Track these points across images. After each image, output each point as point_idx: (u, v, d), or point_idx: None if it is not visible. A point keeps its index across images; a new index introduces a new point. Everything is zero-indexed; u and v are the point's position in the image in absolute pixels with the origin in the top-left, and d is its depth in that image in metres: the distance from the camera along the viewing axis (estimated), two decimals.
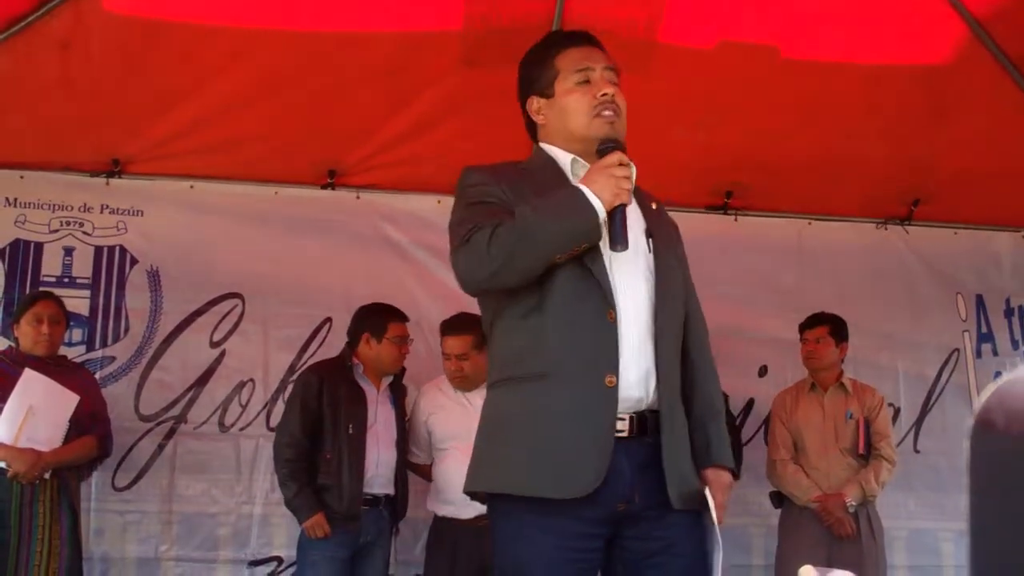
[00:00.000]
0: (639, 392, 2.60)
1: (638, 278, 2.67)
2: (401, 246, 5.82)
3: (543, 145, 2.84)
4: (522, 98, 2.88)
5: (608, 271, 2.61)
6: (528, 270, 2.56)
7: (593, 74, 2.75)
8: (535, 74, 2.84)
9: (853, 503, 5.19)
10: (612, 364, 2.56)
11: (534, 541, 2.56)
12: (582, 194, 2.54)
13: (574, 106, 2.74)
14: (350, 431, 4.83)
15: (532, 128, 2.89)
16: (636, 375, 2.59)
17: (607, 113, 2.71)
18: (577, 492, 2.51)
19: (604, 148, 2.66)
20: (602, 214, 2.53)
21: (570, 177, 2.71)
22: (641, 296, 2.65)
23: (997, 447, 0.94)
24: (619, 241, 2.56)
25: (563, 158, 2.77)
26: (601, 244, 2.60)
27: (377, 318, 5.06)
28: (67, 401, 4.77)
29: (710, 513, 2.65)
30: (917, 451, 6.12)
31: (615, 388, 2.55)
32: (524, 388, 2.60)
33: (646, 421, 2.62)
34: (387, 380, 5.10)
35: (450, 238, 2.68)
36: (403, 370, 5.20)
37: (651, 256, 2.71)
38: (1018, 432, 0.91)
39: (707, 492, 2.65)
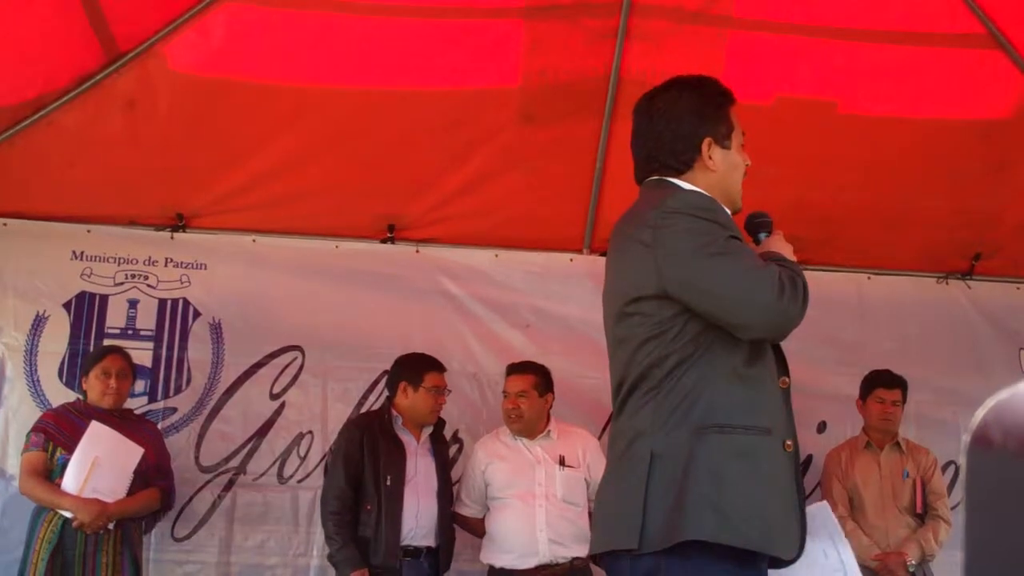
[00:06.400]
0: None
1: None
2: (459, 300, 5.82)
3: (698, 191, 2.63)
4: (691, 132, 2.66)
5: None
6: None
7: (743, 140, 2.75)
8: (715, 117, 2.68)
9: (913, 562, 5.12)
10: (791, 429, 2.64)
11: None
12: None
13: (739, 167, 2.72)
14: (388, 483, 4.83)
15: (681, 160, 2.67)
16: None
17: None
18: (793, 555, 2.52)
19: (768, 223, 2.83)
20: None
21: None
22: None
23: (994, 463, 0.94)
24: None
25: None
26: None
27: (414, 367, 5.07)
28: (132, 453, 4.83)
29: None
30: None
31: (793, 452, 2.62)
32: (752, 441, 2.50)
33: None
34: (427, 431, 5.09)
35: (710, 266, 2.49)
36: (442, 422, 5.17)
37: None
38: (1015, 448, 0.91)
39: None
